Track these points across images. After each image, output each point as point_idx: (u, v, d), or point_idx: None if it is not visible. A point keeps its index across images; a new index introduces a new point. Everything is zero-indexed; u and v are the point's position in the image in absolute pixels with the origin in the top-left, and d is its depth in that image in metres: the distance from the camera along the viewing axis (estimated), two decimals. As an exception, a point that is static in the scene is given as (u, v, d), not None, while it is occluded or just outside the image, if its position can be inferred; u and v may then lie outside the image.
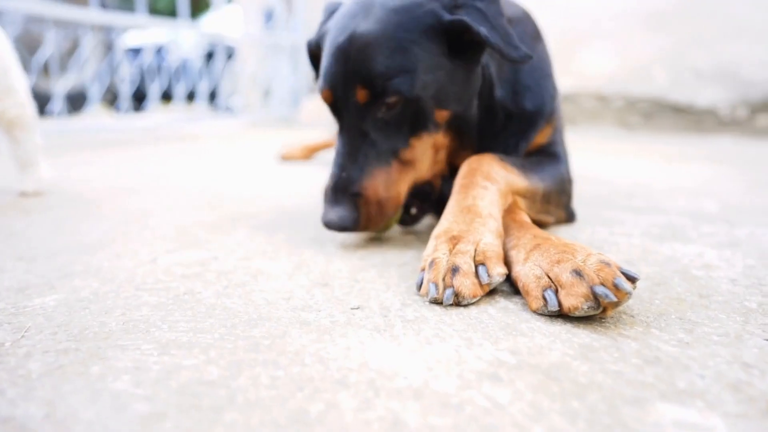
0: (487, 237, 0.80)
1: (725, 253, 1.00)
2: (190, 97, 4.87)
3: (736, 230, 1.18)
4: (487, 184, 0.92)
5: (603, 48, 4.11)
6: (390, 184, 0.96)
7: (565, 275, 0.66)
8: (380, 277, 0.86)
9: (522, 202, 1.00)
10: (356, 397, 0.50)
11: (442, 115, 0.98)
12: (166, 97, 5.03)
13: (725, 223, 1.25)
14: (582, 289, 0.64)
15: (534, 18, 1.20)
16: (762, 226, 1.22)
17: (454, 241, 0.80)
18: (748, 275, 0.87)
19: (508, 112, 1.11)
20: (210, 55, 5.00)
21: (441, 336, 0.63)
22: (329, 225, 0.96)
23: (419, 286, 0.77)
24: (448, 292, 0.72)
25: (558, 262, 0.69)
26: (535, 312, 0.70)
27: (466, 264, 0.75)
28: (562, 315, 0.68)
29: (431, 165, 1.03)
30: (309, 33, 5.63)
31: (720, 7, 3.61)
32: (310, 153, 2.62)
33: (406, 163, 0.98)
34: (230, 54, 5.77)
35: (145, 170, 2.14)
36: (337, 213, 0.94)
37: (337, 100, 0.96)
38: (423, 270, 0.78)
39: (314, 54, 1.14)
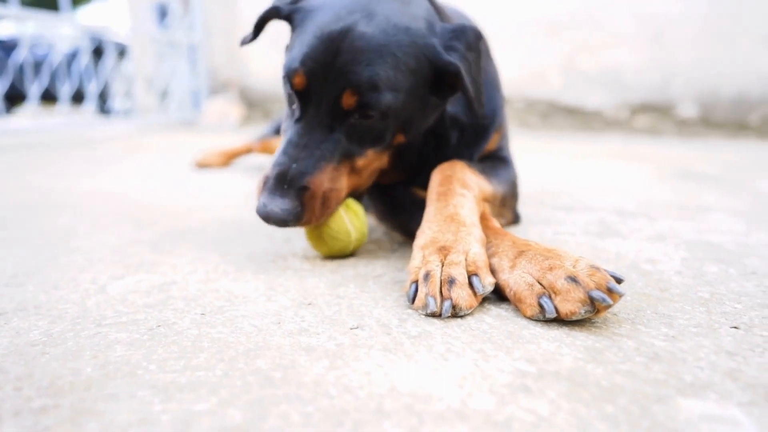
0: (475, 246, 0.81)
1: (659, 246, 1.10)
2: (77, 98, 4.42)
3: (658, 224, 1.31)
4: (465, 192, 0.93)
5: (505, 53, 4.36)
6: (336, 182, 0.92)
7: (560, 282, 0.69)
8: (362, 291, 0.83)
9: (487, 207, 1.03)
10: (402, 426, 0.48)
11: (399, 138, 0.99)
12: (49, 98, 4.53)
13: (646, 218, 1.38)
14: (579, 294, 0.67)
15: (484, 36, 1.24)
16: (678, 219, 1.36)
17: (444, 251, 0.80)
18: (688, 267, 0.97)
19: (461, 126, 1.13)
20: (98, 52, 4.57)
21: (453, 351, 0.63)
22: (269, 217, 0.87)
23: (412, 299, 0.76)
24: (447, 304, 0.71)
25: (550, 269, 0.71)
26: (529, 318, 0.72)
27: (461, 275, 0.75)
28: (555, 319, 0.70)
29: (370, 177, 1.03)
30: (208, 32, 5.37)
31: (605, 18, 3.98)
32: (228, 159, 2.50)
33: (355, 170, 0.96)
34: (122, 51, 5.33)
35: (41, 182, 1.91)
36: (281, 204, 0.87)
37: (311, 89, 0.89)
38: (414, 282, 0.77)
39: (266, 20, 1.07)
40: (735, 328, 0.70)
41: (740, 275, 0.92)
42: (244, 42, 1.12)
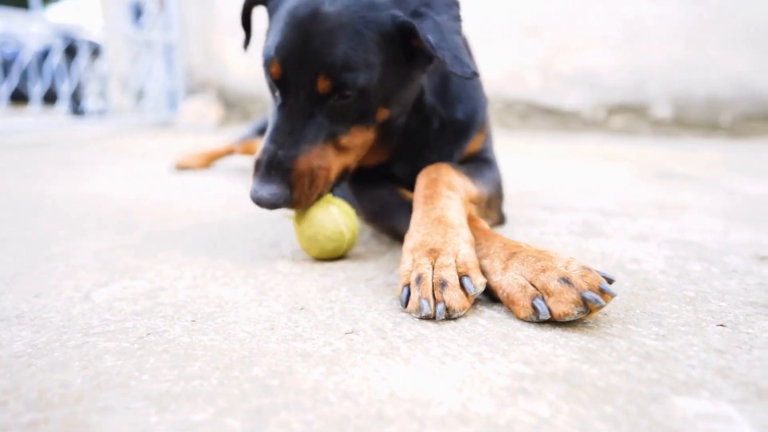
0: (464, 248, 0.81)
1: (643, 246, 1.12)
2: (49, 99, 4.30)
3: (639, 224, 1.33)
4: (451, 194, 0.94)
5: (484, 54, 4.40)
6: (323, 161, 0.95)
7: (552, 283, 0.70)
8: (354, 295, 0.83)
9: (473, 209, 1.03)
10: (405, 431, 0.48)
11: (383, 113, 1.00)
12: (20, 98, 4.40)
13: (628, 218, 1.41)
14: (572, 295, 0.68)
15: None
16: (658, 218, 1.39)
17: (434, 254, 0.80)
18: (672, 266, 0.99)
19: (441, 119, 1.14)
20: (71, 51, 4.45)
21: (450, 354, 0.63)
22: (260, 202, 0.92)
23: (404, 303, 0.76)
24: (440, 307, 0.72)
25: (543, 270, 0.72)
26: (522, 320, 0.72)
27: (453, 277, 0.75)
28: (548, 320, 0.71)
29: (358, 156, 1.04)
30: (185, 31, 5.28)
31: (582, 20, 4.04)
32: (208, 161, 2.46)
33: (341, 149, 0.97)
34: (95, 51, 5.21)
35: (14, 185, 1.85)
36: (269, 190, 0.91)
37: (287, 76, 0.91)
38: (406, 286, 0.77)
39: (249, 10, 1.11)
40: (722, 326, 0.71)
41: (722, 273, 0.94)
42: (246, 44, 1.13)
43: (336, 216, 0.97)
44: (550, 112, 4.28)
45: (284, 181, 0.91)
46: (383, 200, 1.10)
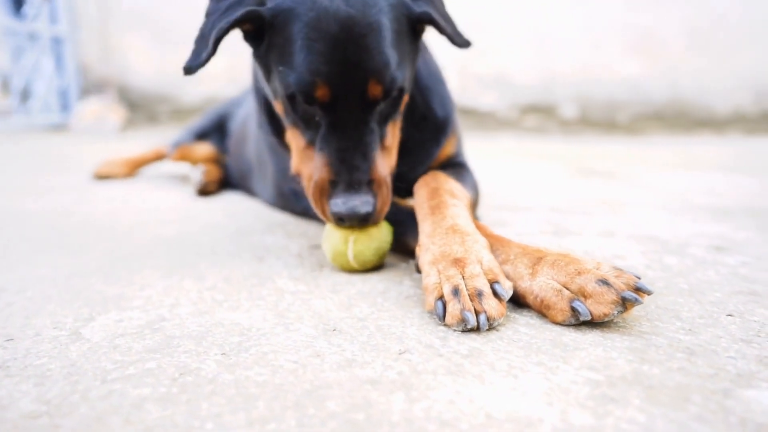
0: (486, 255, 0.81)
1: (615, 242, 1.20)
2: None
3: (596, 221, 1.42)
4: (456, 202, 0.94)
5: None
6: (385, 168, 0.95)
7: (590, 285, 0.72)
8: (379, 311, 0.80)
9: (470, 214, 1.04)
10: (525, 456, 0.46)
11: (404, 101, 0.99)
12: None
13: (583, 215, 1.50)
14: (611, 296, 0.70)
15: None
16: (609, 214, 1.49)
17: (460, 264, 0.79)
18: (651, 260, 1.06)
19: (421, 111, 1.15)
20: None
21: (515, 366, 0.62)
22: (352, 214, 0.87)
23: (441, 317, 0.74)
24: (483, 317, 0.71)
25: (578, 273, 0.74)
26: (560, 324, 0.74)
27: (486, 286, 0.75)
28: (583, 323, 0.73)
29: (395, 152, 1.01)
30: (76, 23, 4.81)
31: (497, 22, 4.24)
32: (133, 169, 2.27)
33: (387, 150, 0.96)
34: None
35: None
36: (361, 199, 0.88)
37: (335, 95, 0.87)
38: (439, 299, 0.75)
39: (239, 26, 0.93)
40: (730, 316, 0.78)
41: (697, 265, 1.02)
42: (203, 64, 0.93)
43: (389, 233, 0.98)
44: (468, 112, 4.45)
45: (370, 191, 0.88)
46: None
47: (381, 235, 0.96)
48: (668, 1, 4.03)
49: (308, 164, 0.94)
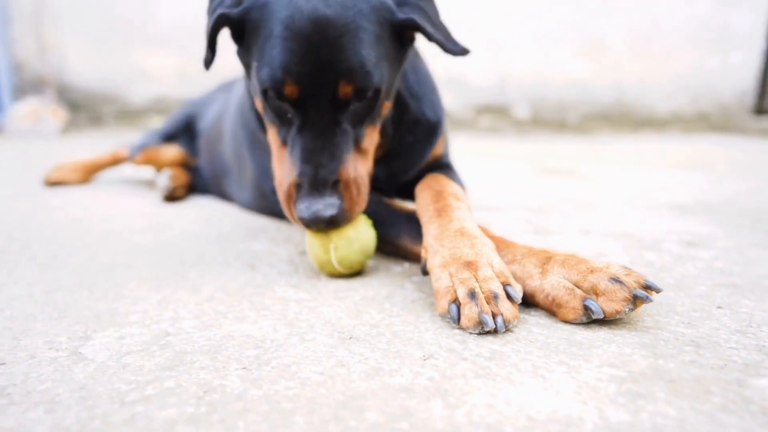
0: (495, 257, 0.83)
1: (595, 240, 1.25)
2: None
3: (572, 219, 1.47)
4: (460, 204, 0.94)
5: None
6: (358, 169, 0.93)
7: (603, 284, 0.74)
8: (389, 316, 0.80)
9: None
10: (577, 456, 0.47)
11: (386, 106, 0.99)
12: None
13: (557, 214, 1.55)
14: (624, 294, 0.73)
15: None
16: (581, 212, 1.55)
17: (472, 267, 0.79)
18: (633, 256, 1.11)
19: (413, 114, 1.16)
20: None
21: (540, 367, 0.64)
22: (317, 219, 0.86)
23: (456, 319, 0.74)
24: (500, 320, 0.72)
25: (591, 272, 0.76)
26: (571, 322, 0.76)
27: (500, 288, 0.76)
28: (593, 321, 0.75)
29: (372, 156, 1.01)
30: (7, 17, 4.50)
31: (452, 26, 4.29)
32: (89, 174, 2.15)
33: (362, 153, 0.95)
34: None
35: None
36: (324, 202, 0.86)
37: (304, 93, 0.86)
38: (453, 302, 0.76)
39: (217, 31, 0.97)
40: (720, 308, 0.82)
41: (675, 261, 1.08)
42: (207, 63, 0.99)
43: (370, 230, 0.96)
44: (424, 113, 4.49)
45: (335, 192, 0.86)
46: (375, 213, 1.06)
47: (360, 234, 0.94)
48: (613, 7, 4.23)
49: (279, 167, 0.94)
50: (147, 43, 4.43)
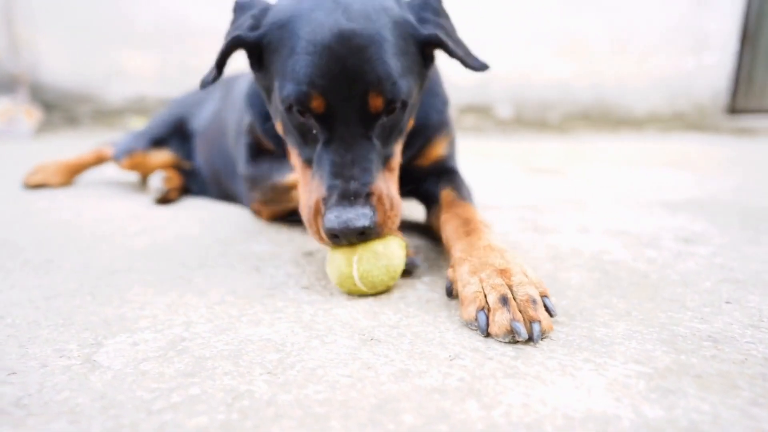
0: (529, 268, 0.80)
1: (594, 238, 1.26)
2: None
3: (568, 217, 1.48)
4: (486, 229, 0.93)
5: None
6: (390, 188, 0.90)
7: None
8: (407, 317, 0.79)
9: None
10: (621, 453, 0.47)
11: (410, 124, 0.98)
12: None
13: (552, 213, 1.56)
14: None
15: None
16: (576, 212, 1.57)
17: (505, 274, 0.76)
18: (634, 254, 1.12)
19: (421, 122, 1.15)
20: None
21: (567, 365, 0.64)
22: (346, 229, 0.79)
23: (484, 328, 0.70)
24: (537, 327, 0.69)
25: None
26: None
27: (538, 295, 0.73)
28: (611, 316, 0.76)
29: (397, 174, 0.99)
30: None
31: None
32: (71, 175, 2.08)
33: (391, 172, 0.93)
34: None
35: None
36: (356, 212, 0.80)
37: (332, 107, 0.83)
38: (481, 309, 0.72)
39: (230, 53, 0.95)
40: (729, 303, 0.84)
41: (675, 257, 1.10)
42: (205, 83, 0.96)
43: (400, 251, 0.88)
44: (408, 112, 4.50)
45: (367, 203, 0.81)
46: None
47: (389, 251, 0.86)
48: (593, 7, 4.30)
49: (303, 190, 0.90)
50: (125, 41, 4.33)
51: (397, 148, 0.94)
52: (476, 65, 0.96)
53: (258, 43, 0.91)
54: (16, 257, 1.09)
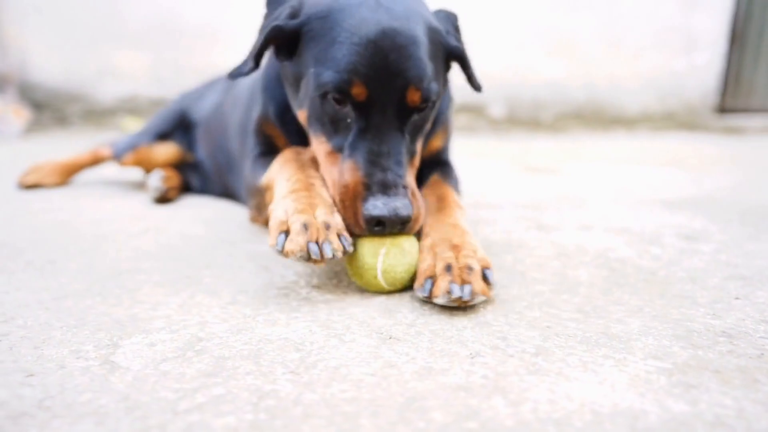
0: (480, 249, 0.87)
1: (598, 235, 1.27)
2: None
3: (570, 215, 1.50)
4: (458, 209, 1.00)
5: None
6: (414, 184, 0.94)
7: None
8: (420, 315, 0.79)
9: None
10: (651, 448, 0.48)
11: (429, 123, 1.00)
12: None
13: (554, 210, 1.57)
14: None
15: None
16: (576, 209, 1.58)
17: (457, 248, 0.84)
18: (639, 251, 1.13)
19: None
20: None
21: (588, 361, 0.64)
22: (395, 216, 0.82)
23: (428, 292, 0.79)
24: (467, 288, 0.77)
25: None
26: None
27: (477, 265, 0.81)
28: (624, 313, 0.77)
29: None
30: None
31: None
32: (67, 175, 2.05)
33: (414, 168, 0.96)
34: None
35: None
36: (400, 201, 0.83)
37: (372, 96, 0.86)
38: (429, 278, 0.81)
39: (269, 44, 0.97)
40: (738, 299, 0.85)
41: (679, 254, 1.11)
42: (239, 74, 0.97)
43: (417, 249, 0.89)
44: (402, 112, 4.49)
45: (407, 195, 0.85)
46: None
47: (414, 249, 0.87)
48: (586, 7, 4.33)
49: (331, 169, 0.91)
50: (117, 40, 4.28)
51: (419, 147, 0.97)
52: (478, 87, 1.06)
53: (296, 32, 0.93)
54: (17, 259, 1.07)
